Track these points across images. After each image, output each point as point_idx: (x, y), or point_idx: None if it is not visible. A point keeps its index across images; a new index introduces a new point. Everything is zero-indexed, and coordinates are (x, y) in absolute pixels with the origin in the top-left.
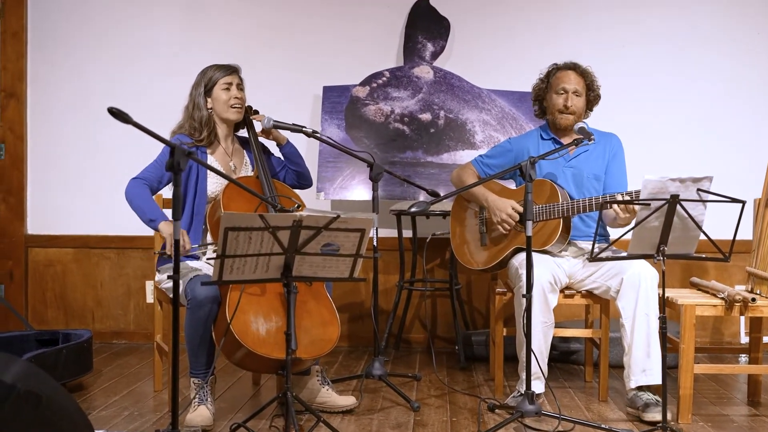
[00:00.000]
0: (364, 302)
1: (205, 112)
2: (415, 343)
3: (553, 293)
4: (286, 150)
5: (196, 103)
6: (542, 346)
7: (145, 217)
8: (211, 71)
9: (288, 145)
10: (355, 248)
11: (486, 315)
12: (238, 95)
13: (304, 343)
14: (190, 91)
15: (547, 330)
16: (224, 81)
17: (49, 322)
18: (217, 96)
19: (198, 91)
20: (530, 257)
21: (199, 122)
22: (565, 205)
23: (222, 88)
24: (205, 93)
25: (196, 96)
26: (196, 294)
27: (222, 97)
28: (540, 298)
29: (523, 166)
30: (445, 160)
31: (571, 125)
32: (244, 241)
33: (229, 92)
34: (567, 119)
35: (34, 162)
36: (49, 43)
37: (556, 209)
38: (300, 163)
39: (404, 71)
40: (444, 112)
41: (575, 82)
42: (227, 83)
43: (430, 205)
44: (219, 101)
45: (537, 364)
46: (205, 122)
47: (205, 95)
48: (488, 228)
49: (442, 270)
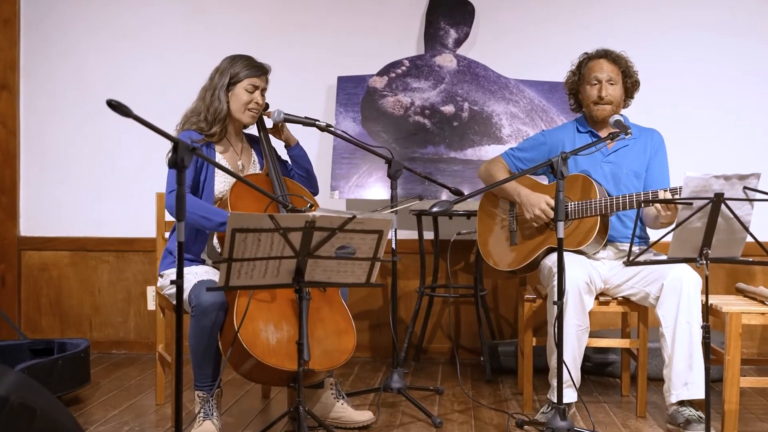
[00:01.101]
0: (382, 309)
1: (224, 107)
2: (438, 354)
3: (590, 295)
4: (294, 152)
5: (216, 94)
6: (575, 351)
7: (215, 223)
8: (241, 65)
9: (297, 147)
10: (373, 251)
11: (514, 323)
12: (260, 101)
13: (318, 354)
14: (211, 75)
15: (582, 334)
16: (251, 82)
17: (43, 330)
18: (238, 94)
19: (221, 82)
20: (561, 260)
21: (214, 115)
22: (603, 202)
23: (247, 88)
24: (228, 86)
25: (217, 85)
26: (201, 300)
27: (243, 98)
28: (575, 299)
29: (555, 162)
30: (470, 156)
31: (608, 116)
32: (252, 243)
33: (251, 95)
34: (603, 110)
35: (27, 158)
36: (44, 31)
37: (592, 206)
38: (309, 168)
39: (425, 60)
40: (468, 104)
41: (608, 70)
42: (254, 86)
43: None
44: (238, 101)
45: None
46: (221, 118)
47: (227, 88)
48: (519, 226)
49: (467, 274)
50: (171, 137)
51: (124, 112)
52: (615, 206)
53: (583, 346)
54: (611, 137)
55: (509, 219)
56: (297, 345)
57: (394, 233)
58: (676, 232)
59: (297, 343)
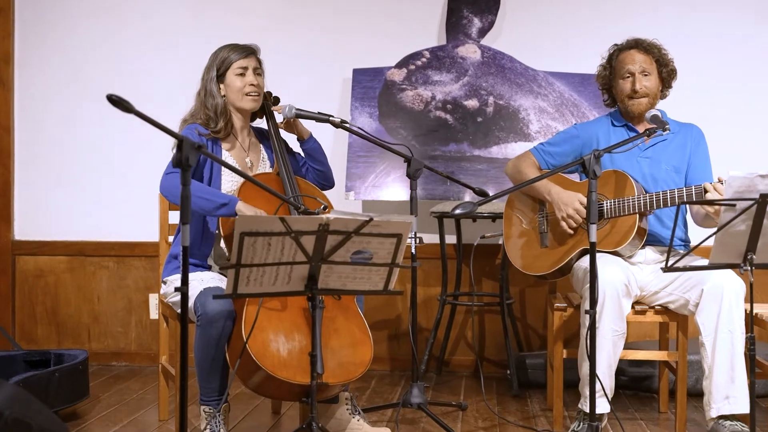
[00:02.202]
0: (401, 319)
1: (219, 100)
2: (460, 367)
3: (628, 298)
4: (308, 146)
5: (208, 89)
6: (611, 358)
7: (215, 204)
8: (225, 52)
9: (311, 139)
10: (391, 256)
11: (543, 334)
12: (255, 81)
13: (332, 366)
14: (202, 75)
15: (618, 340)
16: (239, 65)
17: (39, 340)
18: (230, 82)
19: (210, 76)
20: (594, 266)
21: (213, 111)
22: (641, 200)
23: (236, 73)
24: (218, 78)
25: (207, 81)
26: (207, 309)
27: (236, 83)
28: (612, 301)
29: (586, 160)
30: (495, 154)
31: (645, 110)
32: (262, 247)
33: (243, 78)
34: (639, 104)
35: (22, 157)
36: (40, 21)
37: (630, 204)
38: (324, 161)
39: (447, 51)
40: (493, 98)
41: (641, 61)
42: (242, 68)
43: (477, 206)
44: (232, 88)
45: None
46: (221, 111)
47: (218, 80)
48: (551, 227)
49: (492, 281)
50: (175, 134)
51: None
52: (654, 203)
53: (619, 352)
54: (648, 133)
55: (539, 219)
56: (310, 357)
57: (414, 237)
58: (719, 236)
59: (310, 354)
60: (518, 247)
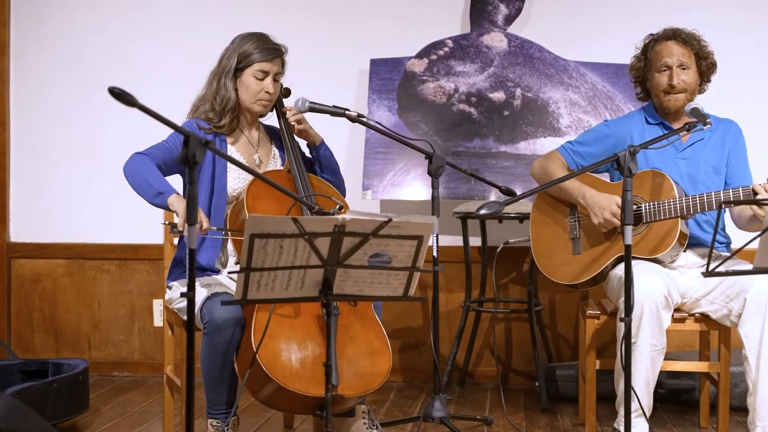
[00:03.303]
0: (422, 327)
1: (232, 95)
2: (485, 378)
3: (667, 310)
4: (320, 153)
5: (222, 82)
6: (649, 375)
7: (152, 191)
8: (250, 46)
9: (323, 146)
10: (411, 260)
11: (574, 343)
12: (271, 90)
13: (348, 377)
14: (220, 57)
15: (657, 356)
16: (260, 68)
17: (36, 349)
18: (246, 81)
19: (228, 66)
20: (629, 271)
21: (222, 105)
22: (683, 203)
23: (255, 75)
24: (235, 72)
25: (224, 71)
26: (214, 316)
27: (252, 86)
28: (651, 314)
29: (621, 156)
30: (522, 150)
31: (682, 107)
32: (273, 250)
33: (261, 83)
34: (676, 101)
35: (18, 154)
36: (37, 9)
37: (670, 207)
38: (336, 170)
39: (471, 40)
40: (521, 90)
41: (679, 54)
42: (263, 72)
43: (503, 205)
44: (247, 89)
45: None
46: (230, 108)
47: (235, 75)
48: (584, 232)
49: (519, 287)
50: (181, 129)
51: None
52: (696, 207)
53: (658, 369)
54: (687, 128)
55: (570, 224)
56: (324, 367)
57: (436, 239)
58: (764, 238)
59: (324, 365)
60: (548, 254)
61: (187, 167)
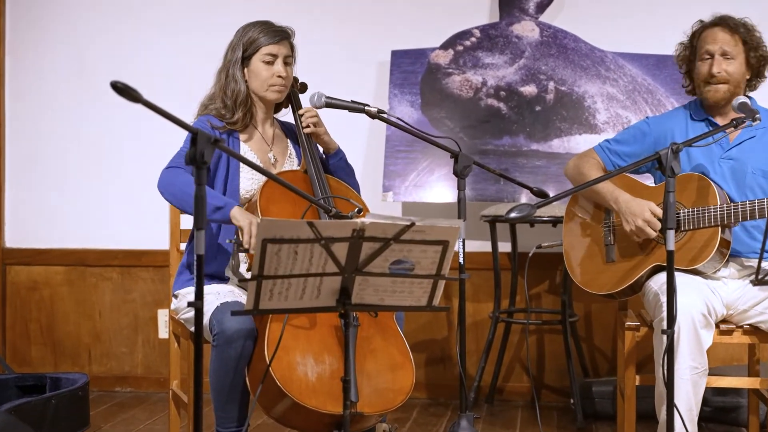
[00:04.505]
0: (447, 339)
1: (241, 86)
2: (516, 395)
3: (707, 329)
4: (335, 161)
5: (231, 73)
6: (691, 400)
7: (210, 206)
8: (254, 32)
9: (339, 153)
10: (435, 267)
11: (612, 358)
12: (283, 72)
13: (368, 394)
14: (224, 53)
15: (698, 378)
16: (268, 51)
17: (33, 363)
18: (255, 69)
19: (234, 57)
20: (673, 280)
21: (233, 99)
22: (724, 210)
23: (264, 60)
24: (243, 61)
25: (230, 63)
26: (224, 327)
27: (262, 73)
28: (689, 335)
29: (663, 155)
30: (556, 149)
31: (723, 100)
32: (287, 256)
33: (271, 68)
34: (716, 92)
35: (14, 154)
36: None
37: (709, 215)
38: (353, 182)
39: (500, 29)
40: (554, 83)
41: (723, 41)
42: (271, 54)
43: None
44: (257, 77)
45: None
46: (242, 100)
47: (242, 64)
48: (618, 238)
49: (552, 296)
50: (188, 126)
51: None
52: (739, 215)
53: (701, 393)
54: (735, 124)
55: (604, 230)
56: (342, 382)
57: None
58: None
59: (342, 380)
60: (579, 261)
61: (195, 167)
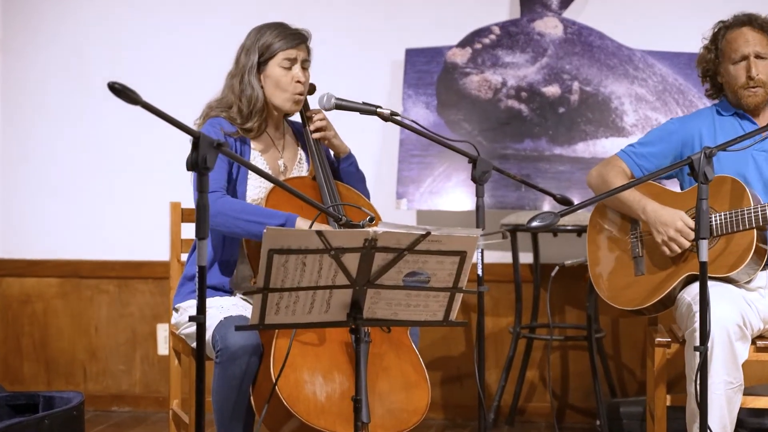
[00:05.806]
0: (465, 356)
1: (258, 93)
2: (538, 416)
3: (743, 341)
4: (346, 166)
5: (246, 80)
6: (725, 417)
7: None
8: (270, 37)
9: (350, 158)
10: (452, 279)
11: (641, 376)
12: (302, 78)
13: (380, 414)
14: (236, 56)
15: (733, 395)
16: (285, 56)
17: (25, 380)
18: (272, 74)
19: (249, 62)
20: (705, 291)
21: (250, 105)
22: (758, 212)
23: (282, 65)
24: (258, 66)
25: (246, 68)
26: (228, 343)
27: (281, 78)
28: (724, 347)
29: (695, 160)
30: (581, 153)
31: (761, 103)
32: (295, 268)
33: (289, 72)
34: (755, 96)
35: (6, 159)
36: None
37: (744, 217)
38: (363, 188)
39: (521, 26)
40: (579, 83)
41: (755, 42)
42: (289, 59)
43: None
44: (276, 83)
45: None
46: (260, 107)
47: (258, 69)
48: (647, 250)
49: (577, 310)
50: (190, 130)
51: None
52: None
53: (736, 409)
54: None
55: (632, 241)
56: (353, 402)
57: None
58: None
59: (353, 399)
60: (605, 274)
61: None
